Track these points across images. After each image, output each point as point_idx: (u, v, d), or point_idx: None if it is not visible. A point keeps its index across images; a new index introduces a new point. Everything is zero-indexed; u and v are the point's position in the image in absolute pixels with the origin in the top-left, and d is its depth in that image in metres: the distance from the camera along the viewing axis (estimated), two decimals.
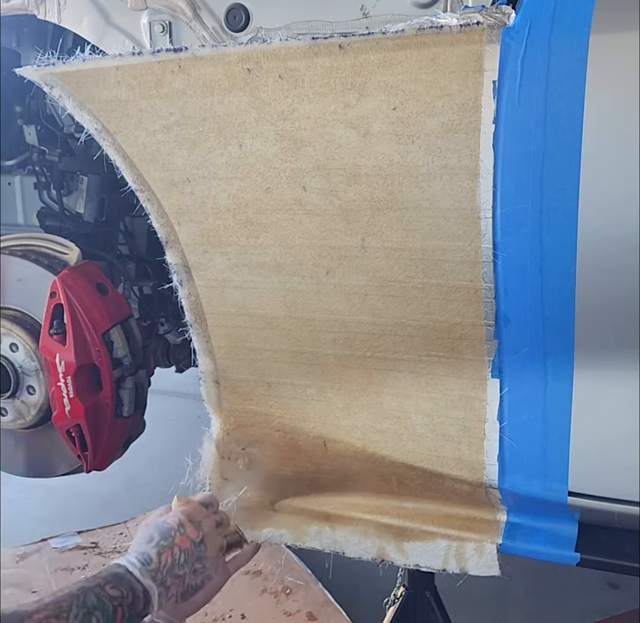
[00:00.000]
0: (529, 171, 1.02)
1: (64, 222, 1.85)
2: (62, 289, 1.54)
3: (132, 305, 1.85)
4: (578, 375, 1.11)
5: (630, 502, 1.14)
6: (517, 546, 1.26)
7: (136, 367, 1.66)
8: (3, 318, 1.68)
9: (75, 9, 1.35)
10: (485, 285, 1.09)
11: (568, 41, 0.96)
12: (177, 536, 1.05)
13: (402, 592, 1.60)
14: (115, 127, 1.21)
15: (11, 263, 1.67)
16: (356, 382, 1.26)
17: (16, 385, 1.70)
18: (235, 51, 1.09)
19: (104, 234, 1.87)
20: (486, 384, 1.17)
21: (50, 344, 1.56)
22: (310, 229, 1.16)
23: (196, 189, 1.20)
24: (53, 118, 1.83)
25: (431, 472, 1.25)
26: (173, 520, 1.07)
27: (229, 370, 1.34)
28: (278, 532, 1.42)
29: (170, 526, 1.06)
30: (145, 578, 0.99)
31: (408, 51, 1.01)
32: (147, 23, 1.28)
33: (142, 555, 1.02)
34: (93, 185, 1.80)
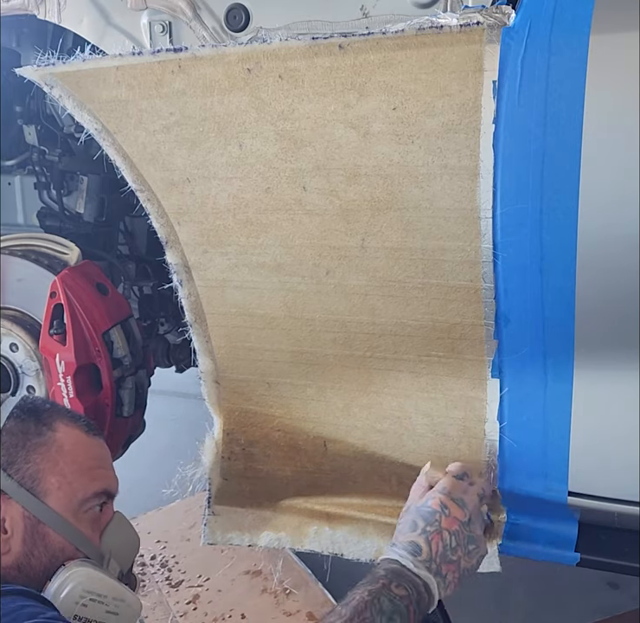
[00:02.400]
0: (529, 171, 1.02)
1: (64, 222, 1.85)
2: (62, 289, 1.54)
3: (132, 304, 1.85)
4: (578, 375, 1.11)
5: (630, 502, 1.14)
6: (517, 546, 1.26)
7: (136, 367, 1.67)
8: (3, 318, 1.68)
9: (75, 9, 1.35)
10: (485, 285, 1.09)
11: (568, 41, 0.96)
12: (443, 518, 0.98)
13: None
14: (115, 127, 1.21)
15: (11, 263, 1.67)
16: (356, 382, 1.26)
17: (15, 385, 1.70)
18: (235, 51, 1.09)
19: (104, 234, 1.87)
20: (486, 384, 1.17)
21: (50, 344, 1.56)
22: (310, 229, 1.16)
23: (196, 189, 1.20)
24: (53, 118, 1.83)
25: None
26: (434, 502, 1.00)
27: (229, 370, 1.34)
28: (277, 535, 1.42)
29: (433, 509, 0.99)
30: (420, 569, 0.94)
31: (408, 51, 1.01)
32: (147, 23, 1.28)
33: (410, 546, 0.96)
34: (93, 185, 1.80)
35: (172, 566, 2.08)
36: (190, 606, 1.93)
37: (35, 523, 0.96)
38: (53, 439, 1.00)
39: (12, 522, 0.96)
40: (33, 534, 0.96)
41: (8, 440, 0.98)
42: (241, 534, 1.45)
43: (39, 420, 1.02)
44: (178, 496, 1.60)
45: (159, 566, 2.09)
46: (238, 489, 1.43)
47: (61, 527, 0.97)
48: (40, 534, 0.96)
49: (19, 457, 0.98)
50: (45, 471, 0.98)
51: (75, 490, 0.99)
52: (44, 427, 1.01)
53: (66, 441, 1.01)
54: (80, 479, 1.00)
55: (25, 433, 1.00)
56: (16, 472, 0.97)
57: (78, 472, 1.00)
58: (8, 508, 0.96)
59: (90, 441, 1.05)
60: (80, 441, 1.03)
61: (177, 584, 2.02)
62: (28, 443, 0.99)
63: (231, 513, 1.45)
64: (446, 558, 0.96)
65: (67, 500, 0.98)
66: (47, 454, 0.99)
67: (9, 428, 1.00)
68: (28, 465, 0.98)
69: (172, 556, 2.11)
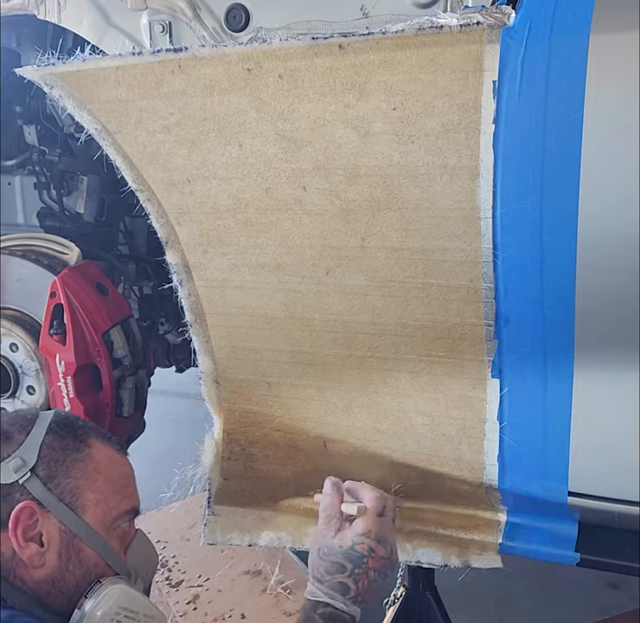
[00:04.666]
0: (529, 171, 1.02)
1: (64, 222, 1.85)
2: (62, 289, 1.54)
3: (132, 305, 1.86)
4: (578, 375, 1.11)
5: (630, 502, 1.14)
6: (517, 546, 1.26)
7: (136, 367, 1.67)
8: (3, 318, 1.68)
9: (75, 10, 1.35)
10: (485, 285, 1.09)
11: (568, 41, 0.96)
12: (370, 561, 1.05)
13: (402, 592, 1.60)
14: (115, 127, 1.21)
15: (11, 263, 1.67)
16: (356, 382, 1.26)
17: (15, 385, 1.70)
18: (235, 51, 1.09)
19: (104, 234, 1.87)
20: (486, 384, 1.17)
21: (50, 344, 1.56)
22: (310, 229, 1.16)
23: (196, 189, 1.20)
24: (53, 118, 1.84)
25: (431, 472, 1.25)
26: (361, 547, 1.05)
27: (229, 370, 1.34)
28: (277, 535, 1.42)
29: (361, 554, 1.05)
30: (349, 606, 1.03)
31: (408, 51, 1.01)
32: (147, 23, 1.28)
33: (340, 586, 1.04)
34: (93, 185, 1.81)
35: (172, 566, 2.08)
36: (190, 606, 1.93)
37: (71, 537, 0.97)
38: (90, 456, 1.01)
39: (49, 536, 0.96)
40: (69, 548, 0.97)
41: (48, 455, 0.99)
42: (241, 534, 1.45)
43: (76, 437, 1.02)
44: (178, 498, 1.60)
45: (159, 566, 2.09)
46: (238, 489, 1.43)
47: (96, 543, 0.98)
48: (75, 549, 0.97)
49: (59, 472, 0.98)
50: (84, 487, 0.99)
51: (110, 507, 1.00)
52: (81, 443, 1.02)
53: (101, 459, 1.02)
54: (114, 497, 1.01)
55: (64, 448, 1.00)
56: (56, 486, 0.97)
57: (112, 490, 1.02)
58: (45, 522, 0.96)
59: (120, 460, 1.07)
60: (113, 459, 1.04)
61: (177, 584, 2.02)
62: (68, 459, 1.00)
63: (231, 513, 1.45)
64: (370, 588, 1.06)
65: (102, 516, 0.99)
66: (85, 471, 1.00)
67: (50, 443, 1.00)
68: (68, 481, 0.98)
69: (172, 556, 2.12)
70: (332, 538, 1.07)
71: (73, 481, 0.98)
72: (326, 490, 1.12)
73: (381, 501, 1.10)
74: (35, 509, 0.95)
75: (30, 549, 0.95)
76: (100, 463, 1.02)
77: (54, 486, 0.97)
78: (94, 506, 0.99)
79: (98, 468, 1.01)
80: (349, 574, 1.04)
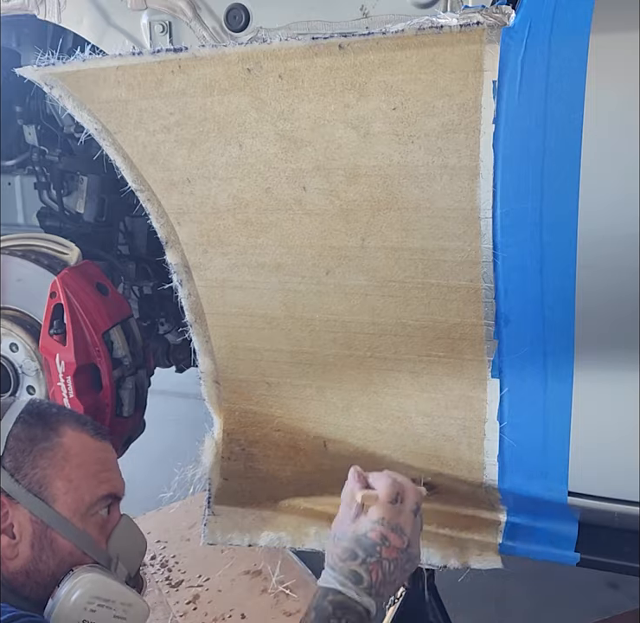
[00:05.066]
0: (529, 171, 1.02)
1: (64, 222, 1.85)
2: (62, 289, 1.54)
3: (132, 305, 1.85)
4: (578, 375, 1.11)
5: (630, 502, 1.14)
6: (517, 546, 1.26)
7: (136, 367, 1.67)
8: (3, 318, 1.68)
9: (75, 10, 1.35)
10: (485, 285, 1.09)
11: (568, 41, 0.96)
12: (384, 550, 0.98)
13: (402, 592, 1.60)
14: (115, 127, 1.21)
15: (11, 263, 1.67)
16: (356, 382, 1.26)
17: (15, 385, 1.70)
18: (235, 51, 1.09)
19: (104, 234, 1.87)
20: (486, 384, 1.17)
21: (50, 344, 1.56)
22: (310, 229, 1.16)
23: (196, 189, 1.20)
24: (53, 118, 1.83)
25: (431, 471, 1.25)
26: (374, 535, 0.99)
27: (229, 370, 1.34)
28: (277, 535, 1.42)
29: (373, 542, 0.99)
30: (363, 597, 0.96)
31: (408, 51, 1.01)
32: (147, 23, 1.28)
33: (352, 575, 0.97)
34: (93, 185, 1.80)
35: (172, 566, 2.08)
36: (190, 606, 1.94)
37: (43, 528, 0.96)
38: (59, 445, 1.00)
39: (20, 527, 0.96)
40: (41, 539, 0.96)
41: (15, 446, 0.98)
42: (241, 534, 1.45)
43: (46, 425, 1.01)
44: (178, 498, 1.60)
45: (159, 566, 2.09)
46: (238, 489, 1.43)
47: (69, 531, 0.97)
48: (48, 539, 0.96)
49: (26, 462, 0.98)
50: (52, 476, 0.98)
51: (82, 494, 0.99)
52: (51, 431, 1.01)
53: (72, 446, 1.01)
54: (86, 484, 1.00)
55: (32, 438, 0.99)
56: (23, 477, 0.97)
57: (84, 477, 1.00)
58: (16, 513, 0.96)
59: (96, 445, 1.05)
60: (87, 446, 1.03)
61: (177, 584, 2.02)
62: (35, 448, 0.99)
63: (231, 513, 1.45)
64: (385, 581, 0.98)
65: (74, 504, 0.98)
66: (53, 459, 0.99)
67: (17, 434, 0.99)
68: (35, 471, 0.98)
69: (172, 556, 2.12)
70: (348, 525, 1.03)
71: (40, 471, 0.98)
72: (348, 478, 1.08)
73: (394, 488, 1.04)
74: (3, 501, 0.95)
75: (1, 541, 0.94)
76: (70, 451, 1.00)
77: (21, 477, 0.97)
78: (64, 495, 0.98)
79: (67, 456, 1.00)
80: (361, 562, 0.97)
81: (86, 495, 1.00)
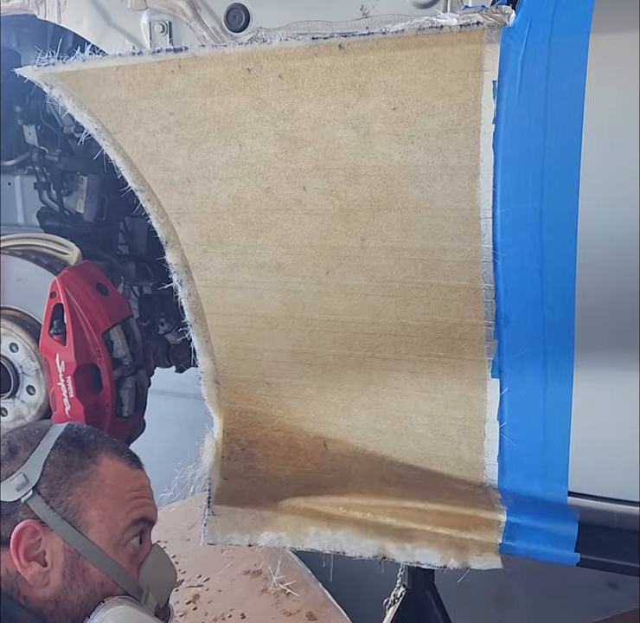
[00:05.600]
0: (529, 171, 1.02)
1: (64, 222, 1.85)
2: (62, 289, 1.54)
3: (132, 305, 1.85)
4: (578, 374, 1.11)
5: (630, 502, 1.14)
6: (517, 546, 1.26)
7: (136, 367, 1.67)
8: (3, 318, 1.68)
9: (75, 10, 1.35)
10: (485, 286, 1.09)
11: (568, 41, 0.96)
12: None
13: (402, 592, 1.60)
14: (115, 127, 1.21)
15: (11, 263, 1.67)
16: (356, 382, 1.26)
17: (15, 385, 1.70)
18: (235, 51, 1.09)
19: (104, 234, 1.87)
20: (486, 384, 1.17)
21: (50, 344, 1.56)
22: (310, 229, 1.16)
23: (196, 189, 1.20)
24: (53, 118, 1.83)
25: (431, 472, 1.25)
26: None
27: (229, 370, 1.34)
28: (277, 535, 1.42)
29: None
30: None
31: (408, 51, 1.01)
32: (147, 23, 1.28)
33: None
34: (93, 185, 1.81)
35: None
36: (190, 605, 1.93)
37: (75, 556, 0.95)
38: (96, 473, 1.00)
39: (52, 554, 0.95)
40: (73, 567, 0.95)
41: (51, 472, 0.97)
42: (241, 534, 1.45)
43: (83, 452, 1.01)
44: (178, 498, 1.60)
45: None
46: (238, 489, 1.43)
47: (101, 561, 0.96)
48: (80, 568, 0.95)
49: (62, 489, 0.97)
50: (87, 504, 0.97)
51: (116, 522, 0.99)
52: (88, 459, 1.00)
53: (108, 475, 1.00)
54: (120, 511, 0.99)
55: (69, 465, 0.99)
56: (58, 504, 0.96)
57: (119, 504, 1.00)
58: (49, 540, 0.95)
59: (132, 474, 1.04)
60: (122, 474, 1.02)
61: (177, 584, 2.02)
62: (72, 476, 0.98)
63: (231, 513, 1.45)
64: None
65: (108, 534, 0.97)
66: (89, 488, 0.98)
67: (54, 460, 0.98)
68: (71, 498, 0.97)
69: (172, 556, 2.10)
70: None
71: (75, 498, 0.97)
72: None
73: None
74: (36, 528, 0.94)
75: (33, 568, 0.93)
76: (106, 479, 0.99)
77: (56, 504, 0.96)
78: (99, 523, 0.97)
79: (102, 485, 0.99)
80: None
81: (120, 522, 0.99)
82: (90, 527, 0.97)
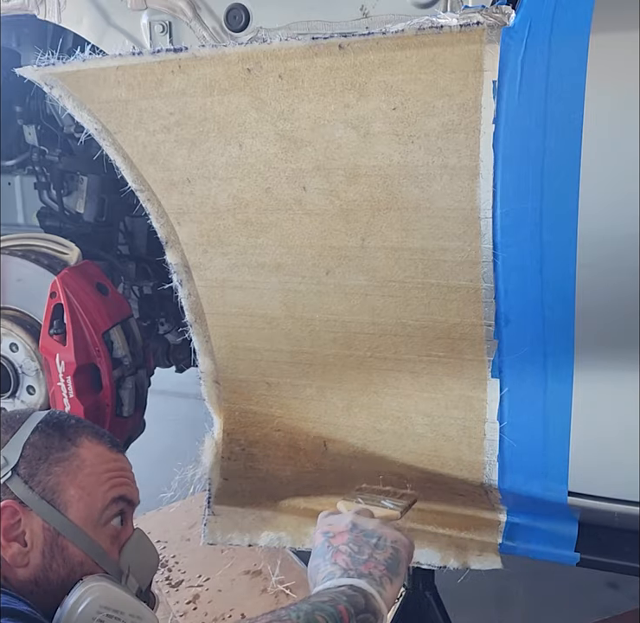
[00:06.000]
0: (529, 171, 1.02)
1: (64, 222, 1.85)
2: (62, 289, 1.54)
3: (132, 305, 1.86)
4: (577, 375, 1.11)
5: (630, 502, 1.14)
6: (517, 546, 1.26)
7: (136, 367, 1.67)
8: (3, 318, 1.68)
9: (75, 10, 1.35)
10: (485, 286, 1.09)
11: (568, 41, 0.96)
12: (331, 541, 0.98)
13: (402, 592, 1.60)
14: (115, 127, 1.21)
15: (11, 263, 1.67)
16: (356, 382, 1.26)
17: (15, 385, 1.70)
18: (235, 51, 1.09)
19: (104, 234, 1.87)
20: (486, 384, 1.17)
21: (50, 344, 1.56)
22: (310, 229, 1.16)
23: (196, 189, 1.20)
24: (53, 118, 1.84)
25: (431, 472, 1.25)
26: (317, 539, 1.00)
27: (229, 370, 1.34)
28: (277, 535, 1.42)
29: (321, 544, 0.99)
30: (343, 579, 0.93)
31: (408, 51, 1.01)
32: (147, 23, 1.28)
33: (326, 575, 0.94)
34: (93, 185, 1.81)
35: (172, 566, 2.08)
36: (190, 605, 1.93)
37: (54, 535, 0.95)
38: (75, 454, 1.00)
39: (32, 534, 0.94)
40: (52, 547, 0.95)
41: (30, 453, 0.97)
42: (241, 534, 1.45)
43: (63, 435, 1.01)
44: (178, 498, 1.60)
45: (159, 566, 2.09)
46: (238, 489, 1.43)
47: (81, 540, 0.96)
48: (59, 547, 0.95)
49: (40, 469, 0.97)
50: (65, 483, 0.97)
51: (95, 500, 0.98)
52: (68, 441, 1.00)
53: (88, 456, 1.01)
54: (98, 489, 0.99)
55: (48, 447, 0.99)
56: (37, 484, 0.96)
57: (97, 483, 1.00)
58: (28, 520, 0.95)
59: (112, 456, 1.04)
60: (102, 456, 1.02)
61: (177, 584, 2.02)
62: (51, 457, 0.98)
63: (231, 513, 1.45)
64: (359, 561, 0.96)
65: (87, 512, 0.97)
66: (68, 468, 0.98)
67: (34, 442, 0.98)
68: (49, 478, 0.97)
69: (172, 556, 2.12)
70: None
71: (54, 478, 0.97)
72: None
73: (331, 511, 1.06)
74: (16, 508, 0.94)
75: (12, 548, 0.93)
76: (86, 460, 1.00)
77: (35, 484, 0.96)
78: (77, 502, 0.97)
79: (82, 465, 0.99)
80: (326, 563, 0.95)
81: (99, 500, 0.99)
82: (69, 506, 0.96)
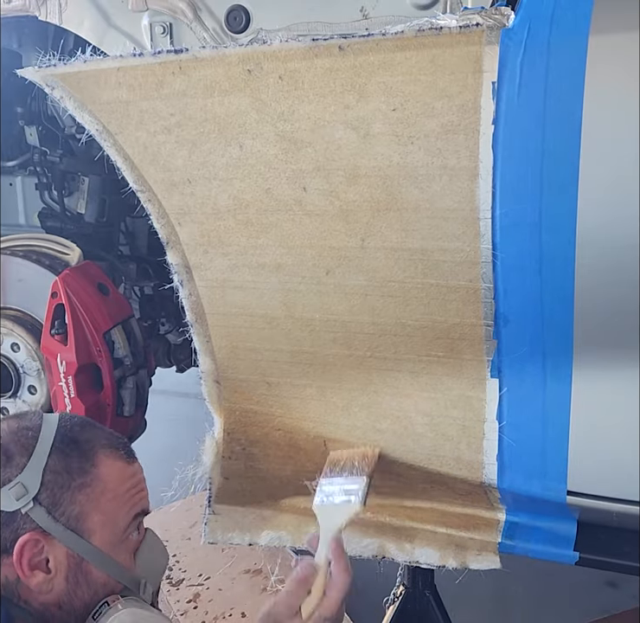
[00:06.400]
0: (529, 172, 1.02)
1: (65, 223, 1.86)
2: (63, 289, 1.55)
3: (133, 305, 1.86)
4: (577, 374, 1.11)
5: (630, 501, 1.14)
6: (516, 545, 1.26)
7: (137, 367, 1.67)
8: (5, 318, 1.68)
9: (76, 11, 1.36)
10: (484, 286, 1.09)
11: (567, 42, 0.96)
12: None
13: (402, 591, 1.60)
14: (116, 128, 1.21)
15: (13, 263, 1.68)
16: (356, 381, 1.27)
17: (17, 385, 1.71)
18: (236, 52, 1.10)
19: (105, 234, 1.87)
20: (485, 384, 1.17)
21: (51, 344, 1.56)
22: (310, 230, 1.16)
23: (197, 189, 1.20)
24: (54, 119, 1.84)
25: (430, 471, 1.25)
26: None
27: (230, 370, 1.34)
28: (278, 534, 1.43)
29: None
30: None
31: (408, 52, 1.01)
32: (148, 25, 1.29)
33: None
34: (94, 186, 1.81)
35: (172, 565, 2.09)
36: (191, 604, 1.94)
37: (78, 561, 0.95)
38: (97, 477, 0.98)
39: (55, 561, 0.94)
40: (76, 572, 0.95)
41: (52, 480, 0.95)
42: (242, 533, 1.46)
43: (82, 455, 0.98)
44: (179, 497, 1.60)
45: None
46: (238, 488, 1.43)
47: (105, 563, 0.96)
48: (83, 572, 0.95)
49: (64, 499, 0.95)
50: (89, 511, 0.96)
51: (118, 523, 0.98)
52: (87, 463, 0.98)
53: (109, 478, 0.99)
54: (121, 511, 0.99)
55: (69, 471, 0.97)
56: (61, 514, 0.95)
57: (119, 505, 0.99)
58: (51, 548, 0.94)
59: (130, 471, 1.03)
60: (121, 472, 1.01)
61: (178, 583, 2.02)
62: (73, 483, 0.96)
63: (231, 512, 1.46)
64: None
65: (110, 536, 0.97)
66: (91, 495, 0.97)
67: (54, 467, 0.96)
68: (73, 507, 0.95)
69: (173, 555, 2.12)
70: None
71: (78, 507, 0.95)
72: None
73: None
74: (39, 538, 0.93)
75: (37, 577, 0.93)
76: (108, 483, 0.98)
77: (59, 515, 0.94)
78: (101, 528, 0.96)
79: (105, 490, 0.98)
80: None
81: (122, 521, 0.99)
82: (92, 533, 0.96)
